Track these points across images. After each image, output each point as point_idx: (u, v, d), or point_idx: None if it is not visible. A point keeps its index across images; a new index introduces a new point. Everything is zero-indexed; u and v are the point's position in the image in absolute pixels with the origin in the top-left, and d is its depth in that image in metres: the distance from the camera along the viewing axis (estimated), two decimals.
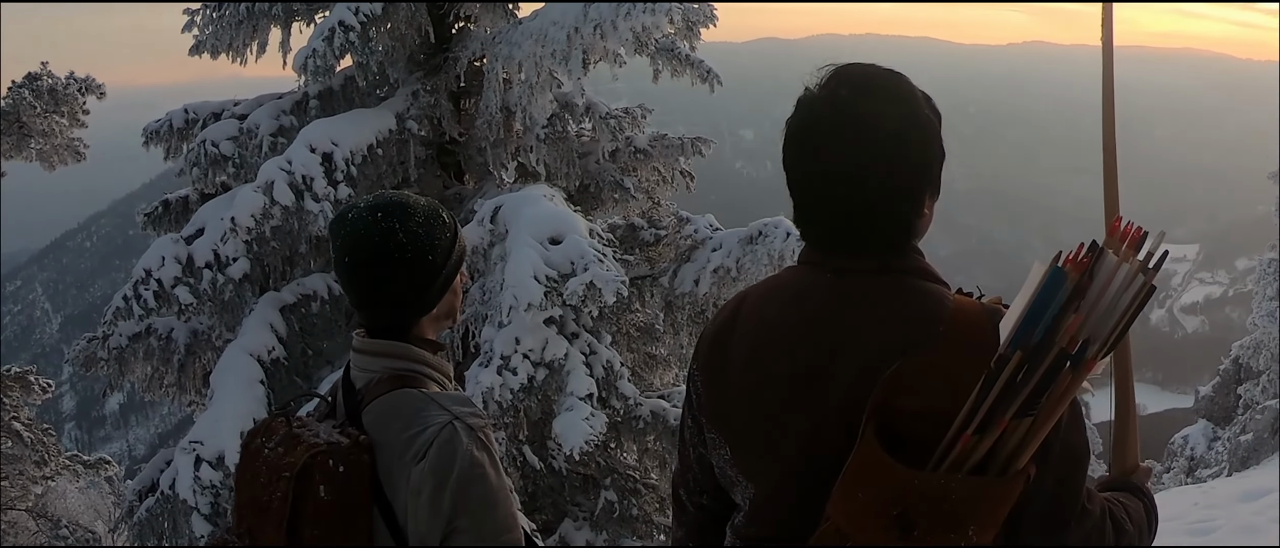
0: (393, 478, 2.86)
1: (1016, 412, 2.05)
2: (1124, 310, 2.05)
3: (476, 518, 2.84)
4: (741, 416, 2.47)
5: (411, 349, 3.05)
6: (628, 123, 14.46)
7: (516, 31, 12.26)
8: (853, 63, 2.43)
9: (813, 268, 2.43)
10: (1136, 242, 2.09)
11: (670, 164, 14.75)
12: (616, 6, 11.36)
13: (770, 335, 2.44)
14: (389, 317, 3.04)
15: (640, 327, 14.26)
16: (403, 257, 2.94)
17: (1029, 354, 2.03)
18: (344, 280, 3.04)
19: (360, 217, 2.97)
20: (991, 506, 2.11)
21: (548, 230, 10.94)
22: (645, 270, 13.65)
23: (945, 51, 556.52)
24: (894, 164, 2.31)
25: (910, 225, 2.39)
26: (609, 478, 13.26)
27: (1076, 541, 2.40)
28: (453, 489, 2.81)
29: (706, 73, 13.60)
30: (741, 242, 12.85)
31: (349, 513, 2.82)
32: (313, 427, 2.93)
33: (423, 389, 2.99)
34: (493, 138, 13.03)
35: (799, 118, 2.38)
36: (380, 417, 2.92)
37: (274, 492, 2.81)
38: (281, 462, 2.83)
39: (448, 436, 2.84)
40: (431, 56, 13.27)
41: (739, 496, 2.56)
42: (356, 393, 3.02)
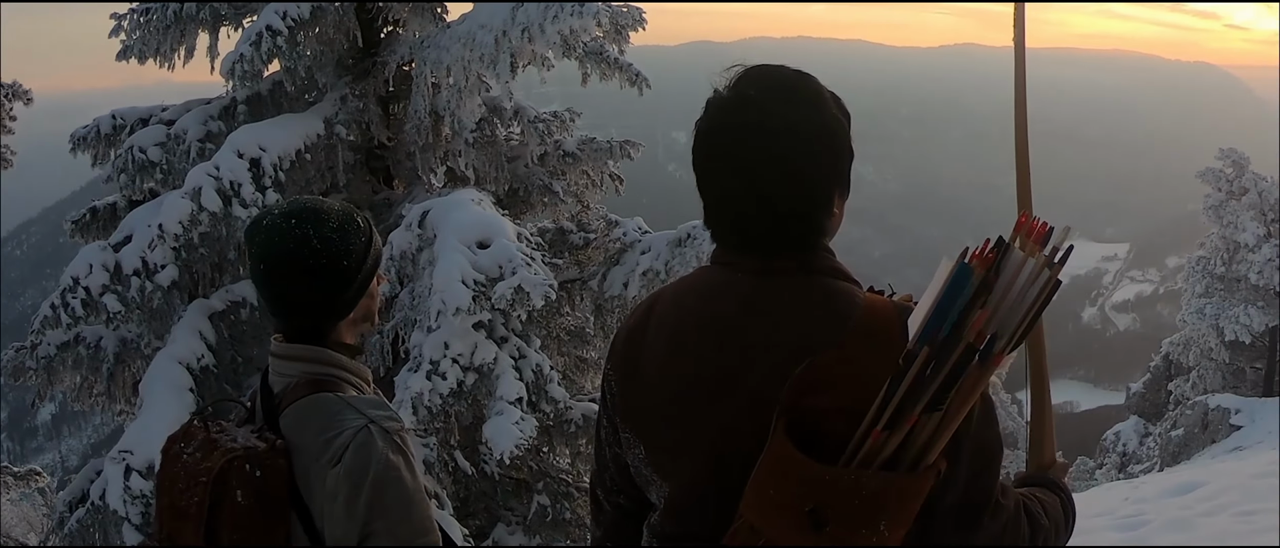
0: (309, 482, 2.87)
1: (925, 407, 2.08)
2: (1030, 305, 2.09)
3: (392, 521, 2.84)
4: (655, 415, 2.50)
5: (328, 354, 3.06)
6: (556, 126, 14.49)
7: (444, 35, 12.25)
8: (761, 64, 2.46)
9: (724, 268, 2.46)
10: (1042, 237, 2.12)
11: (599, 167, 14.76)
12: (544, 9, 11.37)
13: (683, 335, 2.47)
14: (305, 322, 3.05)
15: (570, 330, 14.29)
16: (317, 263, 2.94)
17: (936, 350, 2.06)
18: (260, 287, 3.03)
19: (274, 224, 2.97)
20: (903, 501, 2.14)
21: (476, 235, 10.92)
22: (574, 274, 13.69)
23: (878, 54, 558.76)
24: (801, 164, 2.34)
25: (819, 225, 2.41)
26: (541, 482, 13.26)
27: (990, 535, 2.44)
28: (368, 492, 2.81)
29: (635, 76, 13.59)
30: (670, 244, 12.91)
31: (266, 518, 2.83)
32: (230, 432, 2.94)
33: (339, 393, 3.00)
34: (422, 142, 13.00)
35: (707, 119, 2.41)
36: (297, 421, 2.93)
37: (191, 497, 2.81)
38: (199, 467, 2.83)
39: (363, 439, 2.85)
40: (360, 61, 13.23)
41: (654, 495, 2.58)
42: (274, 397, 3.02)
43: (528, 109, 14.17)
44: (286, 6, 11.87)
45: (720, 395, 2.36)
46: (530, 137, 14.12)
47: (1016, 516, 2.52)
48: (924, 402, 2.08)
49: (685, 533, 2.49)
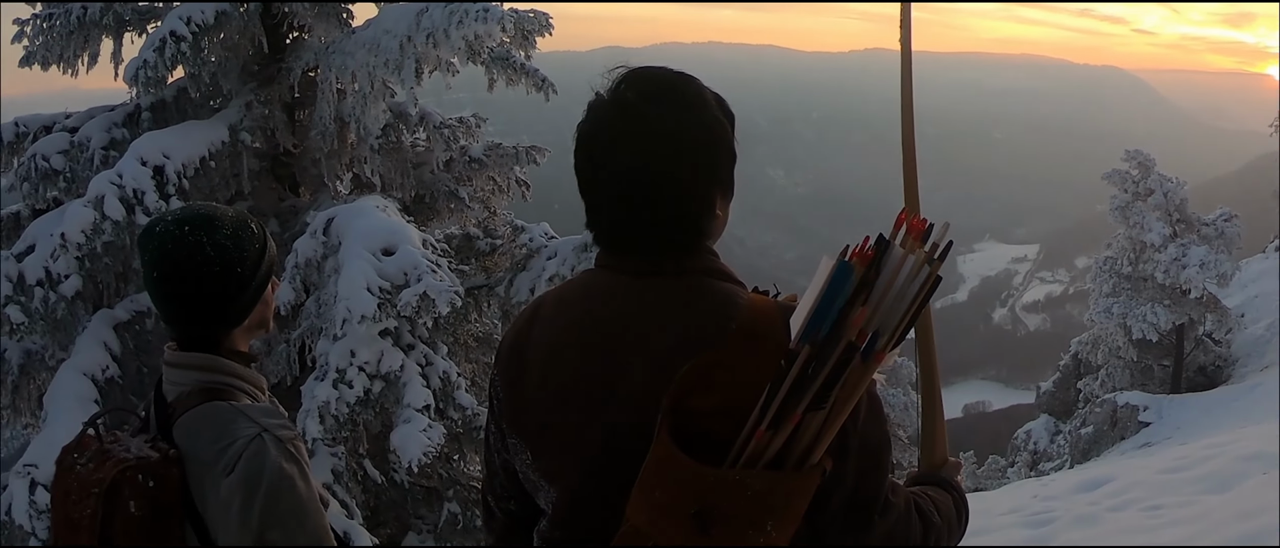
0: (203, 492, 2.84)
1: (808, 405, 2.08)
2: (911, 301, 2.09)
3: (287, 530, 2.82)
4: (540, 420, 2.48)
5: (222, 362, 3.03)
6: (463, 132, 14.45)
7: (350, 41, 12.19)
8: (642, 66, 2.46)
9: (607, 271, 2.46)
10: (922, 233, 2.13)
11: (506, 173, 14.70)
12: (448, 14, 11.34)
13: (566, 339, 2.46)
14: (199, 330, 3.02)
15: (478, 337, 14.25)
16: (211, 270, 2.92)
17: (818, 348, 2.06)
18: (153, 294, 3.01)
19: (167, 230, 2.94)
20: (789, 501, 2.14)
21: (381, 242, 10.87)
22: (481, 280, 13.65)
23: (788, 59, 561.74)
24: (680, 167, 2.33)
25: (700, 227, 2.41)
26: (451, 490, 13.21)
27: (881, 534, 2.45)
28: (262, 501, 2.79)
29: (541, 81, 13.53)
30: (576, 249, 12.92)
31: (160, 528, 2.80)
32: (123, 442, 2.90)
33: (232, 402, 2.97)
34: (327, 149, 12.93)
35: (587, 122, 2.41)
36: (190, 430, 2.90)
37: (84, 509, 2.79)
38: (91, 478, 2.80)
39: (256, 448, 2.82)
40: (265, 67, 13.12)
41: (542, 500, 2.56)
42: (167, 407, 2.99)
43: (433, 115, 14.11)
44: (190, 11, 11.76)
45: (603, 399, 2.35)
46: (436, 143, 14.05)
47: (907, 513, 2.53)
48: (807, 400, 2.07)
49: (573, 538, 2.48)
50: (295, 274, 11.24)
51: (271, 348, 12.64)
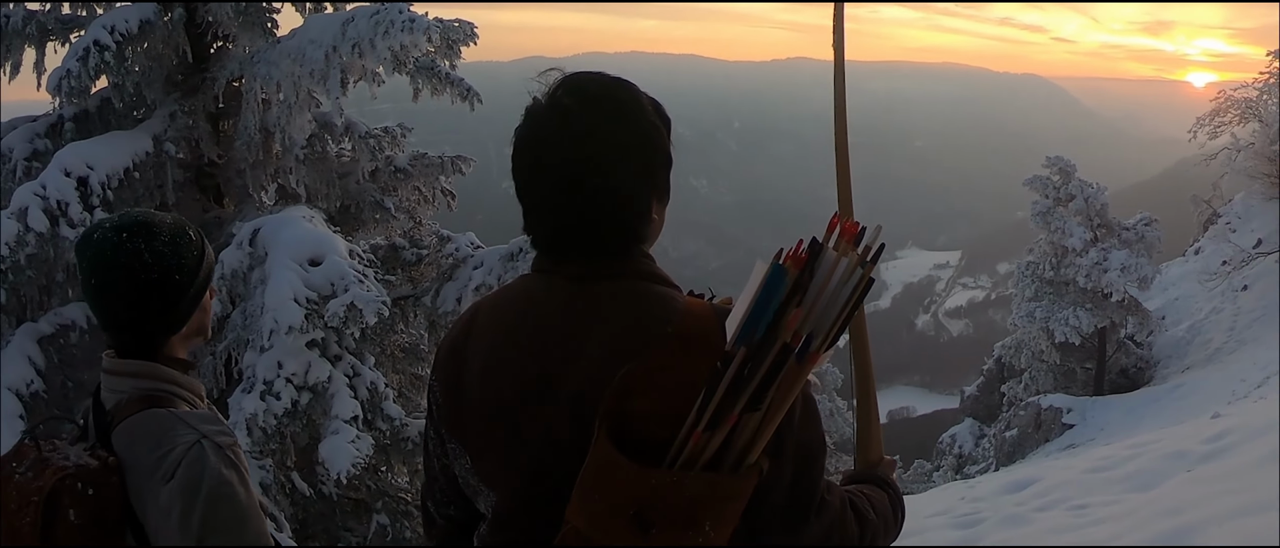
0: (143, 499, 2.83)
1: (745, 406, 2.09)
2: (845, 303, 2.11)
3: (227, 536, 2.82)
4: (479, 425, 2.49)
5: (160, 369, 3.03)
6: (388, 142, 14.42)
7: (274, 51, 12.14)
8: (579, 72, 2.48)
9: (544, 275, 2.47)
10: (855, 236, 2.14)
11: (431, 183, 14.71)
12: (374, 24, 11.33)
13: (504, 343, 2.47)
14: (137, 337, 3.02)
15: (404, 347, 14.21)
16: (149, 277, 2.93)
17: (753, 350, 2.08)
18: (91, 302, 3.01)
19: (105, 237, 2.94)
20: (726, 501, 2.16)
21: (307, 252, 10.85)
22: (408, 290, 13.61)
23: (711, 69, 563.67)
24: (616, 172, 2.36)
25: (636, 231, 2.43)
26: (380, 501, 13.17)
27: (818, 533, 2.47)
28: (202, 508, 2.78)
29: (466, 91, 13.56)
30: (503, 259, 12.91)
31: (100, 536, 2.80)
32: (62, 450, 2.89)
33: (171, 409, 2.97)
34: (252, 159, 12.86)
35: (524, 127, 2.42)
36: (129, 437, 2.89)
37: (24, 517, 2.77)
38: (30, 486, 2.79)
39: (196, 454, 2.82)
40: (189, 77, 13.04)
41: (483, 504, 2.57)
42: (106, 414, 2.99)
43: (359, 125, 14.09)
44: (114, 20, 11.70)
45: (541, 403, 2.36)
46: (361, 152, 14.04)
47: (843, 512, 2.56)
48: (743, 401, 2.09)
49: (513, 542, 2.48)
50: (221, 286, 11.13)
51: (198, 361, 12.56)
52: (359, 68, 11.78)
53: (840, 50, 3.28)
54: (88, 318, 12.43)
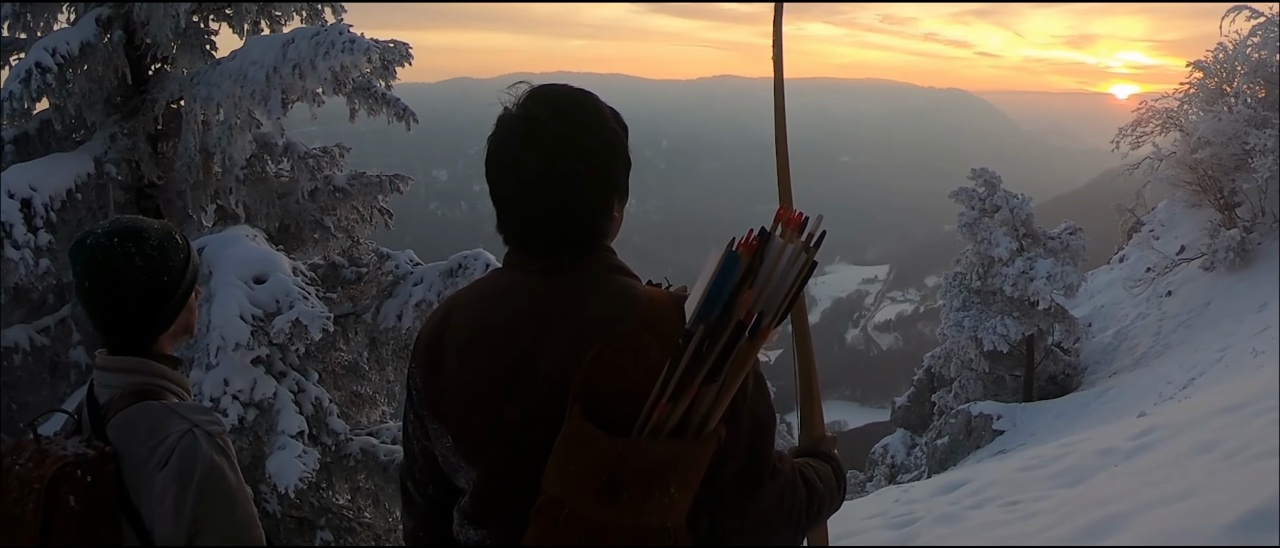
0: (138, 486, 3.00)
1: (704, 379, 2.33)
2: (791, 284, 2.38)
3: (219, 519, 3.00)
4: (460, 406, 2.70)
5: (151, 364, 3.20)
6: (326, 162, 14.46)
7: (215, 72, 12.19)
8: (547, 84, 2.71)
9: (514, 269, 2.71)
10: (799, 225, 2.40)
11: (369, 202, 14.78)
12: (315, 45, 11.42)
13: (482, 330, 2.69)
14: (129, 335, 3.19)
15: (345, 365, 14.25)
16: (139, 279, 3.11)
17: (711, 328, 2.32)
18: (85, 303, 3.17)
19: (98, 242, 3.12)
20: (689, 465, 2.39)
21: (252, 270, 10.91)
22: (348, 308, 13.67)
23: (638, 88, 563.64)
24: (584, 174, 2.59)
25: (600, 228, 2.68)
26: (323, 518, 13.24)
27: (770, 497, 2.71)
28: (195, 493, 2.97)
29: (403, 110, 13.74)
30: (442, 274, 13.03)
31: (97, 521, 2.95)
32: (60, 442, 3.05)
33: (163, 401, 3.14)
34: (192, 180, 12.90)
35: (498, 135, 2.66)
36: (123, 428, 3.06)
37: (26, 505, 2.92)
38: (31, 475, 2.94)
39: (188, 443, 3.00)
40: (128, 99, 13.05)
41: (463, 480, 2.77)
42: (100, 408, 3.15)
43: (298, 145, 14.13)
44: (56, 42, 11.75)
45: (517, 384, 2.59)
46: (301, 172, 14.07)
47: (793, 479, 2.81)
48: (702, 374, 2.33)
49: (493, 513, 2.70)
50: None
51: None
52: (299, 88, 11.81)
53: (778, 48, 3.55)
54: (31, 340, 12.45)
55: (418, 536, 3.09)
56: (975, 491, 11.64)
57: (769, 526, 2.74)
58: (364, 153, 16.15)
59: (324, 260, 14.19)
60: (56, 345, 12.95)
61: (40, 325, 12.88)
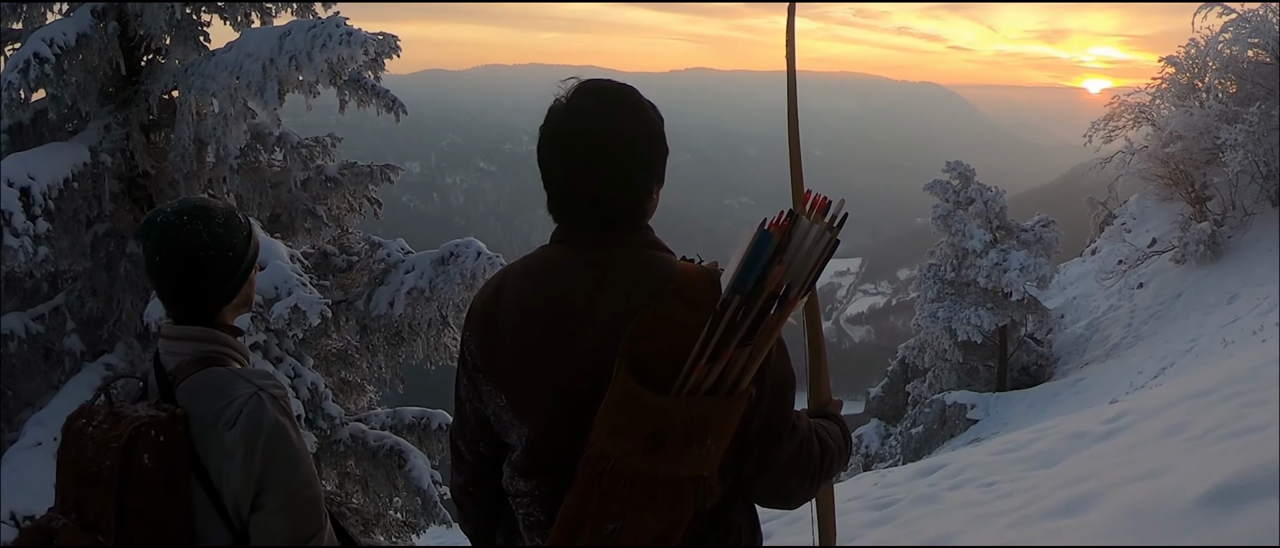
0: (207, 445, 3.25)
1: (738, 343, 2.66)
2: (815, 260, 2.70)
3: (283, 474, 3.27)
4: (514, 368, 3.01)
5: (216, 333, 3.45)
6: (319, 152, 14.65)
7: (210, 63, 12.33)
8: (594, 79, 3.03)
9: (563, 245, 3.01)
10: (823, 207, 2.73)
11: (360, 192, 14.95)
12: (311, 38, 11.58)
13: (535, 300, 3.00)
14: (195, 307, 3.43)
15: (335, 352, 14.46)
16: (206, 254, 3.36)
17: (746, 297, 2.64)
18: (155, 277, 3.42)
19: (168, 220, 3.38)
20: (724, 420, 2.71)
21: None
22: (339, 296, 13.85)
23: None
24: (624, 163, 2.93)
25: (641, 209, 3.00)
26: None
27: (790, 451, 3.05)
28: (262, 450, 3.23)
29: (392, 102, 13.91)
30: (433, 263, 13.27)
31: (169, 478, 3.20)
32: (133, 406, 3.30)
33: (227, 367, 3.40)
34: (186, 170, 13.01)
35: (549, 126, 2.97)
36: (193, 392, 3.31)
37: (103, 463, 3.16)
38: (108, 436, 3.18)
39: (254, 404, 3.26)
40: (122, 89, 13.18)
41: (514, 436, 3.08)
42: (167, 374, 3.39)
43: (291, 135, 14.28)
44: (52, 33, 11.85)
45: (567, 348, 2.91)
46: (294, 162, 14.23)
47: (809, 436, 3.15)
48: (737, 339, 2.65)
49: (542, 466, 3.00)
50: None
51: (137, 369, 12.74)
52: (295, 80, 12.02)
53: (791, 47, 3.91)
54: (26, 328, 12.60)
55: (467, 489, 3.40)
56: (952, 473, 11.87)
57: (788, 477, 3.10)
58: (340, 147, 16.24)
59: (314, 249, 14.31)
60: (51, 333, 13.10)
61: (34, 313, 13.04)
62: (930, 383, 38.82)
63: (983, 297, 37.37)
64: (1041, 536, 7.63)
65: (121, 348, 13.21)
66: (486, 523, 3.39)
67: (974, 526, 8.73)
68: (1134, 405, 13.17)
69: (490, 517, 3.37)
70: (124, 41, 12.87)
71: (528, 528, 3.11)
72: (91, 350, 13.36)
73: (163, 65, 13.25)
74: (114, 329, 13.36)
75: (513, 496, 3.14)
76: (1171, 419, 10.52)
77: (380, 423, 14.44)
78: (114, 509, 3.16)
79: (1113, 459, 9.74)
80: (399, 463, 14.04)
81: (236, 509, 3.27)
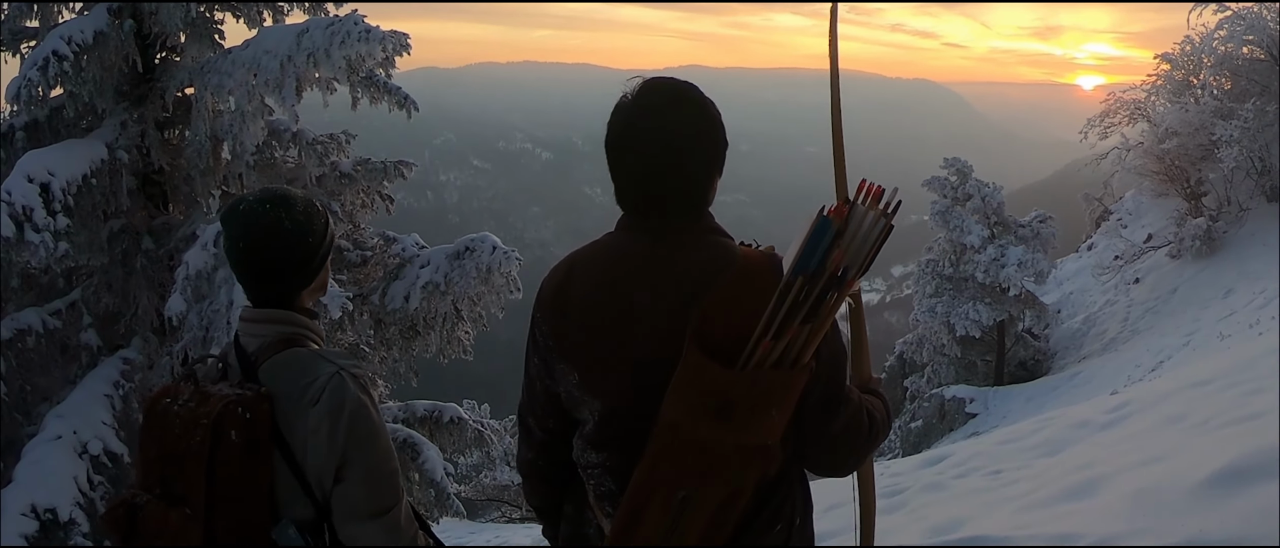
0: (290, 422, 3.43)
1: (801, 321, 2.88)
2: (872, 244, 2.92)
3: (364, 448, 3.46)
4: (587, 348, 3.23)
5: (296, 316, 3.63)
6: (333, 148, 14.80)
7: (226, 61, 12.51)
8: (658, 77, 3.26)
9: (632, 231, 3.23)
10: (878, 196, 2.94)
11: (373, 187, 15.10)
12: (330, 35, 11.75)
13: (603, 284, 3.22)
14: (276, 291, 3.60)
15: (348, 346, 14.49)
16: (288, 240, 3.52)
17: (808, 279, 2.86)
18: (238, 262, 3.56)
19: (251, 207, 3.53)
20: (788, 392, 2.96)
21: None
22: (353, 290, 13.98)
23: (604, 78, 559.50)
24: (692, 154, 3.15)
25: (703, 198, 3.22)
26: None
27: (844, 420, 3.27)
28: (345, 426, 3.41)
29: (403, 99, 14.07)
30: (449, 257, 13.48)
31: (255, 453, 3.37)
32: (218, 386, 3.47)
33: (307, 348, 3.59)
34: (202, 166, 13.18)
35: (617, 121, 3.20)
36: (276, 372, 3.48)
37: (192, 439, 3.33)
38: (196, 413, 3.35)
39: (337, 383, 3.44)
40: (137, 86, 13.36)
41: (586, 412, 3.31)
42: (249, 356, 3.56)
43: (306, 131, 14.41)
44: (71, 31, 12.00)
45: (637, 328, 3.14)
46: (308, 158, 14.38)
47: (860, 407, 3.37)
48: (800, 317, 2.88)
49: (613, 438, 3.24)
50: (186, 285, 11.47)
51: (154, 363, 12.95)
52: (313, 77, 12.20)
53: (834, 46, 4.15)
54: (43, 323, 12.76)
55: (536, 463, 3.63)
56: (958, 463, 12.02)
57: (840, 446, 3.33)
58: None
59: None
60: (67, 328, 13.25)
61: (51, 309, 13.19)
62: (929, 378, 38.95)
63: (981, 292, 37.59)
64: (1050, 519, 7.82)
65: (137, 342, 13.37)
66: (554, 495, 3.63)
67: (984, 512, 8.88)
68: (1134, 396, 13.36)
69: (558, 489, 3.60)
70: (139, 39, 13.02)
71: (599, 498, 3.35)
72: (108, 345, 13.50)
73: (178, 63, 13.42)
74: (130, 324, 13.52)
75: (584, 468, 3.38)
76: (1172, 409, 10.72)
77: (392, 416, 14.61)
78: (203, 483, 3.32)
79: (1116, 447, 9.95)
80: (412, 456, 14.22)
81: (319, 482, 3.45)
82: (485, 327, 14.29)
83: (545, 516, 3.77)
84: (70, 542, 11.37)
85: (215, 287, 11.59)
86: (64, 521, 11.38)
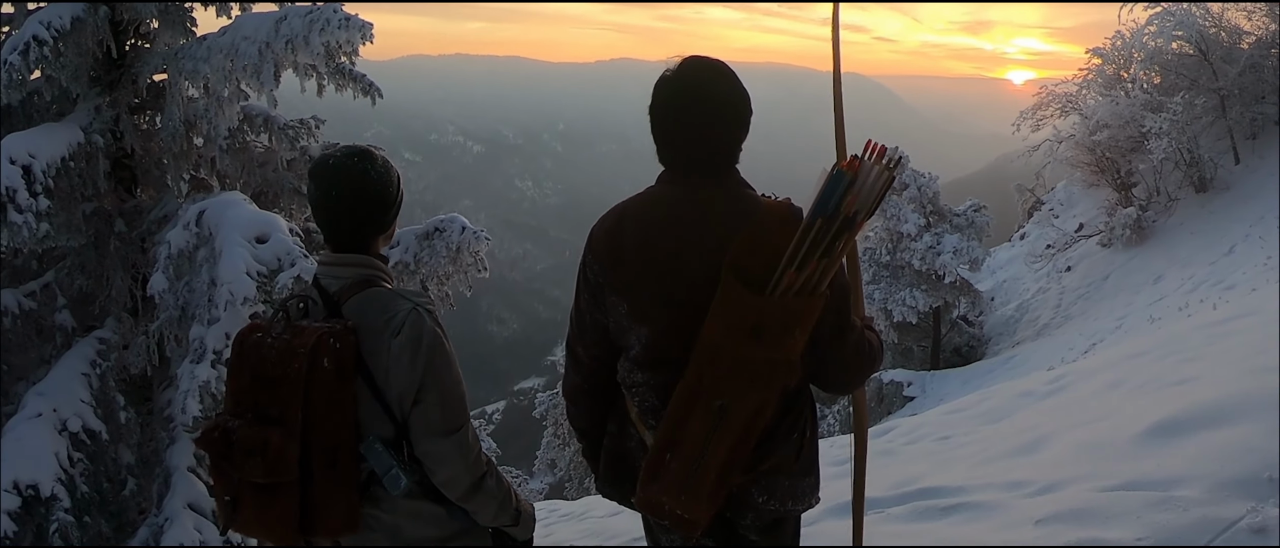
0: (374, 351, 3.83)
1: (820, 255, 3.47)
2: (877, 190, 3.50)
3: (440, 374, 3.88)
4: (637, 281, 3.80)
5: (371, 260, 4.04)
6: (304, 133, 14.98)
7: (201, 47, 12.72)
8: (695, 56, 3.83)
9: (674, 185, 3.80)
10: (882, 153, 3.49)
11: None
12: (309, 22, 12.03)
13: (652, 226, 3.79)
14: (356, 236, 3.99)
15: None
16: (372, 190, 3.96)
17: (826, 220, 3.45)
18: (325, 210, 3.94)
19: (339, 161, 3.96)
20: (809, 316, 3.53)
21: (254, 230, 11.48)
22: None
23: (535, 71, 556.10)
24: (727, 121, 3.75)
25: (733, 157, 3.82)
26: None
27: (851, 344, 3.85)
28: (424, 355, 3.83)
29: (368, 86, 14.26)
30: (419, 238, 13.79)
31: (343, 380, 3.77)
32: (305, 321, 3.92)
33: (382, 287, 4.02)
34: (175, 150, 13.41)
35: (665, 90, 3.76)
36: (360, 308, 3.89)
37: (290, 366, 3.70)
38: (293, 344, 3.74)
39: (415, 317, 3.86)
40: (109, 71, 13.51)
41: (633, 338, 3.87)
42: (331, 295, 3.97)
43: (277, 117, 14.58)
44: (49, 16, 12.21)
45: (681, 264, 3.72)
46: (280, 143, 14.58)
47: (862, 333, 3.96)
48: (820, 252, 3.47)
49: (658, 360, 3.82)
50: (169, 264, 11.68)
51: (128, 343, 13.21)
52: (290, 63, 12.42)
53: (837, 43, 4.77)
54: (19, 304, 12.95)
55: (584, 386, 4.23)
56: (906, 432, 12.46)
57: (847, 366, 3.92)
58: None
59: (300, 227, 14.45)
60: (43, 309, 13.46)
61: (26, 290, 13.38)
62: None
63: (917, 278, 38.27)
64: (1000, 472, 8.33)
65: (112, 322, 13.53)
66: (599, 414, 4.22)
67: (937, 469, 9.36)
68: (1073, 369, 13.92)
69: (603, 408, 4.19)
70: (112, 25, 13.17)
71: (643, 413, 3.93)
72: (82, 326, 13.70)
73: (149, 49, 13.59)
74: (104, 305, 13.68)
75: (629, 386, 3.96)
76: (1110, 377, 11.28)
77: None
78: (300, 405, 3.71)
79: (1059, 411, 10.51)
80: None
81: (400, 405, 3.87)
82: (453, 306, 14.51)
83: (588, 436, 4.34)
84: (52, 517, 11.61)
85: (196, 265, 11.76)
86: (46, 496, 11.57)
